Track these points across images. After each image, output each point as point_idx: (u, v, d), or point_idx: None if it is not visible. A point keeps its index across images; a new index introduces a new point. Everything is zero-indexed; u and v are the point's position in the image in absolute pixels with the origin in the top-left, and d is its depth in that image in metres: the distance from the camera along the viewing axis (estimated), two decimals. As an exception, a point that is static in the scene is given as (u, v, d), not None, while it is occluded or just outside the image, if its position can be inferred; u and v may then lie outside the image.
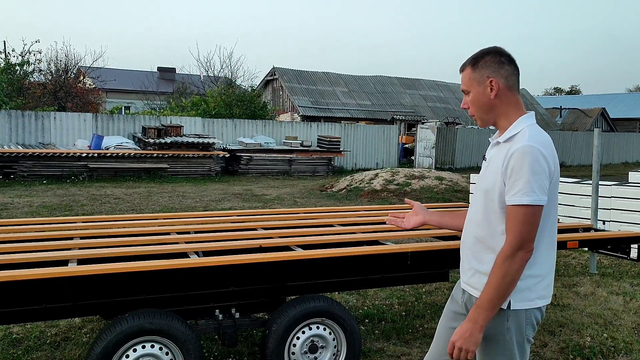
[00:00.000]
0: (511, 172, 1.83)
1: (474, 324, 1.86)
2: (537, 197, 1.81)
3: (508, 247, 1.84)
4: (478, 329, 1.86)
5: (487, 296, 1.85)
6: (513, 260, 1.83)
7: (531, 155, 1.81)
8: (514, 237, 1.83)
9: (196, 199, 11.16)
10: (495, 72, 1.94)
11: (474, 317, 1.87)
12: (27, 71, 21.97)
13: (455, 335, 1.90)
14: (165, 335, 2.76)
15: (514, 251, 1.83)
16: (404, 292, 5.03)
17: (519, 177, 1.81)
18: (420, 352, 3.69)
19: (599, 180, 6.27)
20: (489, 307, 1.85)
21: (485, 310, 1.85)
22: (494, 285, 1.84)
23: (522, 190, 1.80)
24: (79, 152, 14.27)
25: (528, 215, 1.82)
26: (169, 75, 38.12)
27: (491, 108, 1.97)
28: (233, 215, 4.55)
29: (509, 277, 1.83)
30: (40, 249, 3.10)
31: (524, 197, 1.80)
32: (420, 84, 32.79)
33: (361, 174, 14.09)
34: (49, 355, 3.56)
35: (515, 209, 1.83)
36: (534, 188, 1.80)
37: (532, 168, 1.80)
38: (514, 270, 1.83)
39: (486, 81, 1.95)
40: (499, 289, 1.84)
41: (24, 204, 9.88)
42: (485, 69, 1.95)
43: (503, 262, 1.84)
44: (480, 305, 1.86)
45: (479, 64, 1.97)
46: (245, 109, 21.51)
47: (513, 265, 1.83)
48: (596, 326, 4.27)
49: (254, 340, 3.78)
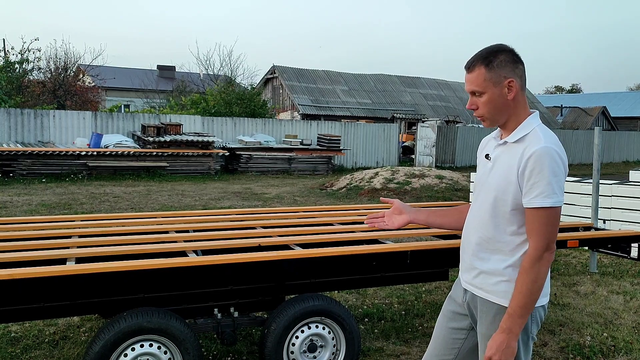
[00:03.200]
0: (530, 175, 1.80)
1: (509, 333, 1.82)
2: (558, 198, 1.80)
3: (535, 251, 1.82)
4: (514, 338, 1.82)
5: (520, 302, 1.82)
6: (542, 263, 1.82)
7: (550, 157, 1.79)
8: (541, 240, 1.81)
9: (195, 198, 11.15)
10: (512, 71, 1.88)
11: (509, 327, 1.83)
12: (26, 69, 21.92)
13: (491, 349, 1.84)
14: (164, 334, 2.75)
15: (541, 253, 1.82)
16: (404, 291, 5.02)
17: (540, 180, 1.79)
18: (420, 351, 3.68)
19: (600, 179, 6.26)
20: (522, 313, 1.82)
21: (519, 318, 1.82)
22: (525, 290, 1.81)
23: (544, 193, 1.79)
24: (78, 151, 14.25)
25: (551, 217, 1.81)
26: (169, 74, 38.10)
27: (506, 109, 1.91)
28: (232, 213, 4.54)
29: (540, 280, 1.82)
30: (38, 247, 3.09)
31: (547, 200, 1.79)
32: (420, 82, 32.77)
33: (361, 173, 14.08)
34: (47, 353, 3.55)
35: (539, 212, 1.81)
36: (555, 190, 1.79)
37: (552, 170, 1.79)
38: (544, 273, 1.83)
39: (504, 81, 1.87)
40: (531, 294, 1.81)
41: (23, 203, 9.87)
42: (502, 68, 1.87)
43: (532, 266, 1.82)
44: (514, 314, 1.82)
45: (494, 63, 1.87)
46: (245, 108, 21.48)
47: (542, 268, 1.82)
48: (596, 325, 4.26)
49: (252, 339, 3.77)
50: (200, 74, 33.12)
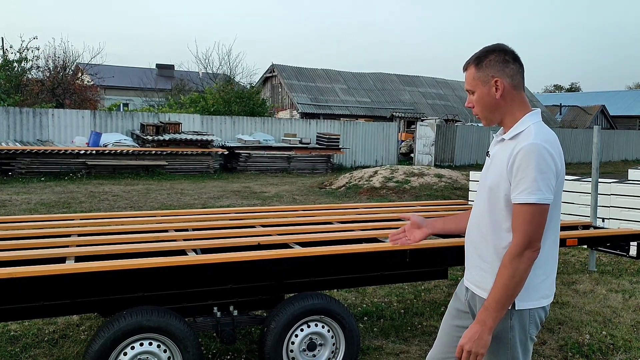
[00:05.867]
0: (517, 170, 1.81)
1: (483, 325, 1.83)
2: (543, 195, 1.79)
3: (515, 247, 1.82)
4: (487, 330, 1.83)
5: (495, 297, 1.82)
6: (521, 260, 1.81)
7: (537, 153, 1.79)
8: (521, 236, 1.81)
9: (194, 197, 11.14)
10: (500, 71, 1.91)
11: (483, 319, 1.84)
12: (25, 68, 21.88)
13: (464, 338, 1.86)
14: (163, 333, 2.75)
15: (521, 250, 1.81)
16: (403, 289, 5.02)
17: (525, 176, 1.79)
18: (419, 349, 3.68)
19: (599, 178, 6.27)
20: (497, 307, 1.82)
21: (493, 312, 1.82)
22: (501, 285, 1.82)
23: (529, 189, 1.78)
24: (77, 149, 14.23)
25: (535, 214, 1.80)
26: (168, 72, 38.09)
27: (497, 107, 1.95)
28: (231, 212, 4.54)
29: (517, 277, 1.81)
30: (38, 246, 3.09)
31: (531, 196, 1.79)
32: (419, 81, 32.78)
33: (360, 172, 14.08)
34: (46, 352, 3.55)
35: (522, 208, 1.81)
36: (540, 186, 1.78)
37: (539, 166, 1.78)
38: (522, 270, 1.81)
39: (491, 81, 1.92)
40: (507, 289, 1.81)
41: (21, 201, 9.86)
42: (490, 68, 1.92)
43: (510, 261, 1.82)
44: (489, 307, 1.83)
45: (483, 63, 1.93)
46: (244, 106, 21.47)
47: (521, 265, 1.81)
48: (595, 324, 4.27)
49: (252, 338, 3.77)
50: (199, 73, 33.09)
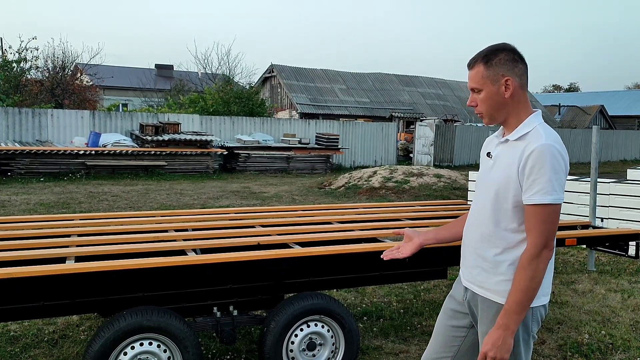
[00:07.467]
0: (530, 171, 1.81)
1: (505, 330, 1.83)
2: (557, 195, 1.80)
3: (533, 247, 1.82)
4: (510, 334, 1.83)
5: (516, 299, 1.82)
6: (539, 260, 1.82)
7: (551, 154, 1.80)
8: (539, 237, 1.82)
9: (194, 197, 11.14)
10: (510, 70, 1.90)
11: (505, 323, 1.83)
12: (24, 68, 21.87)
13: (487, 345, 1.85)
14: (163, 333, 2.75)
15: (539, 251, 1.82)
16: (403, 289, 5.03)
17: (540, 176, 1.79)
18: (419, 349, 3.69)
19: (598, 178, 6.27)
20: (518, 310, 1.82)
21: (515, 314, 1.82)
22: (522, 287, 1.82)
23: (544, 190, 1.79)
24: (77, 150, 14.22)
25: (550, 214, 1.81)
26: (167, 73, 38.08)
27: (504, 107, 1.94)
28: (231, 212, 4.54)
29: (537, 278, 1.82)
30: (37, 246, 3.09)
31: (546, 196, 1.79)
32: (419, 81, 32.78)
33: (359, 172, 14.09)
34: (46, 352, 3.56)
35: (537, 208, 1.81)
36: (555, 187, 1.79)
37: (553, 167, 1.79)
38: (541, 270, 1.83)
39: (501, 80, 1.90)
40: (527, 291, 1.82)
41: (21, 202, 9.86)
42: (500, 67, 1.90)
43: (529, 263, 1.82)
44: (510, 310, 1.83)
45: (492, 61, 1.91)
46: (243, 107, 21.47)
47: (540, 265, 1.82)
48: (594, 323, 4.27)
49: (252, 338, 3.77)
50: (199, 73, 33.09)
